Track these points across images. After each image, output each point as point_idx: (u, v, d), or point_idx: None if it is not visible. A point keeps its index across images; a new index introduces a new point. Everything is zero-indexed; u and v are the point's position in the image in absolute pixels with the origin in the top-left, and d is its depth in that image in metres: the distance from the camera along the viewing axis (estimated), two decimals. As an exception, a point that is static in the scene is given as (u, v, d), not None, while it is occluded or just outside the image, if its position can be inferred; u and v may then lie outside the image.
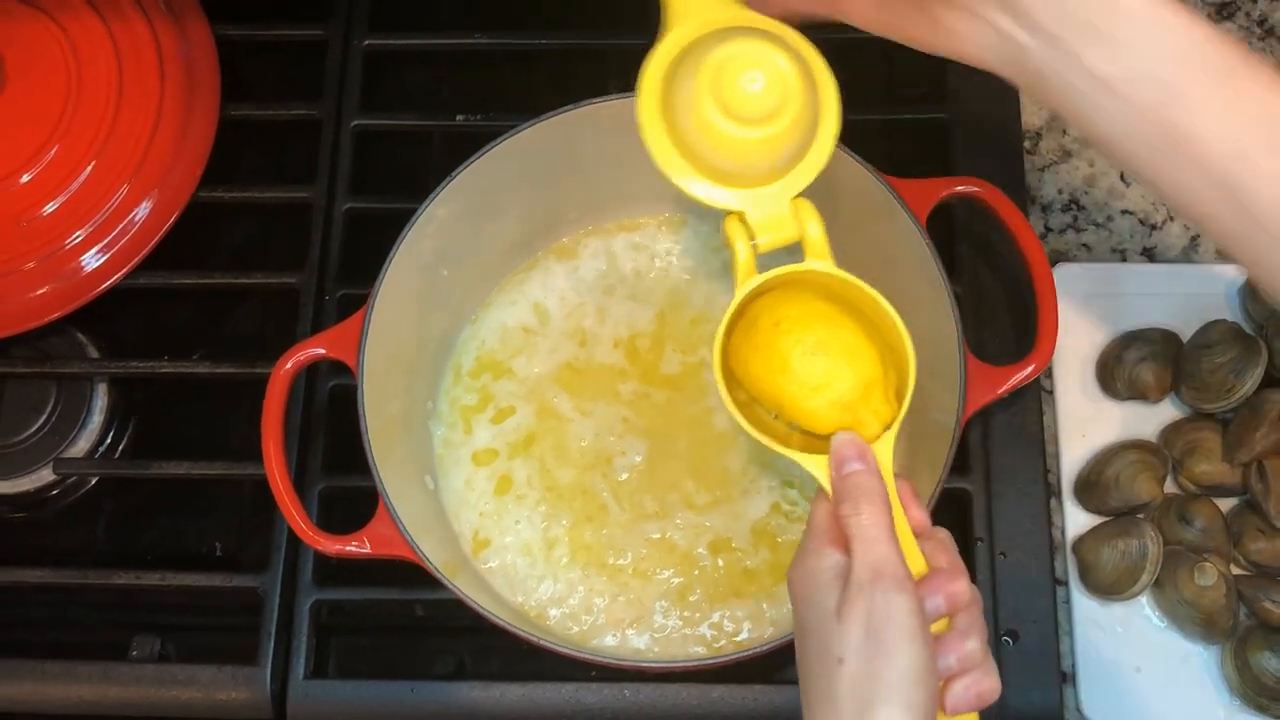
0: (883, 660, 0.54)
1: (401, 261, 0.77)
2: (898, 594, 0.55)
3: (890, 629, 0.54)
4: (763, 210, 0.64)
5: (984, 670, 0.58)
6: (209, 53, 0.93)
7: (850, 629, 0.55)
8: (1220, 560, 0.79)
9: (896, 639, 0.54)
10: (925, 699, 0.54)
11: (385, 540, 0.72)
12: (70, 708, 0.81)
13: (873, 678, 0.54)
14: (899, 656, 0.54)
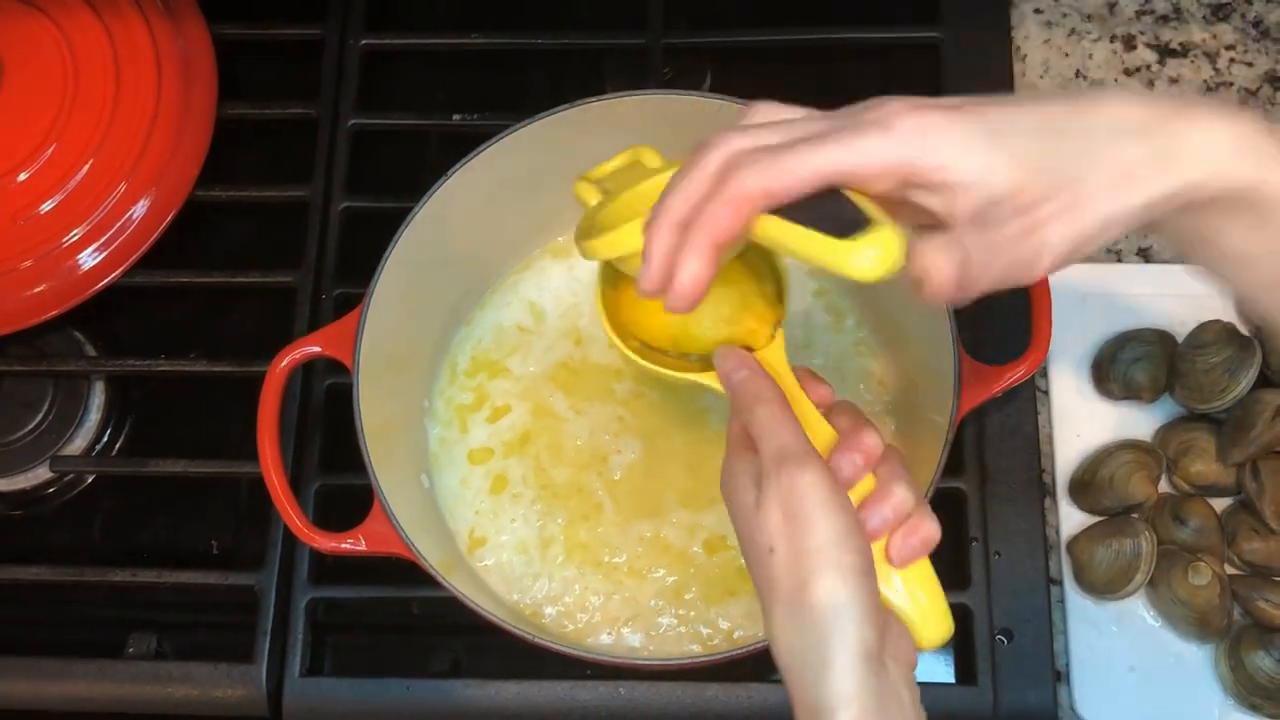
0: (804, 536, 0.54)
1: (397, 260, 0.77)
2: (801, 471, 0.55)
3: (804, 505, 0.54)
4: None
5: (919, 516, 0.57)
6: (206, 51, 0.93)
7: (769, 517, 0.55)
8: (1214, 560, 0.79)
9: (812, 512, 0.54)
10: (855, 560, 0.53)
11: (381, 538, 0.72)
12: (66, 705, 0.81)
13: (800, 555, 0.54)
14: (818, 528, 0.54)
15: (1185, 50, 0.95)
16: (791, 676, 0.54)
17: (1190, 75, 0.94)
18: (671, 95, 0.81)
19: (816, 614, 0.53)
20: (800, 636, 0.53)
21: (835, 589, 0.53)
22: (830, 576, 0.53)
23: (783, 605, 0.54)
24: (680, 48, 0.94)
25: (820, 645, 0.52)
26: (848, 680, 0.52)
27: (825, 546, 0.53)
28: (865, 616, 0.53)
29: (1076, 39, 0.96)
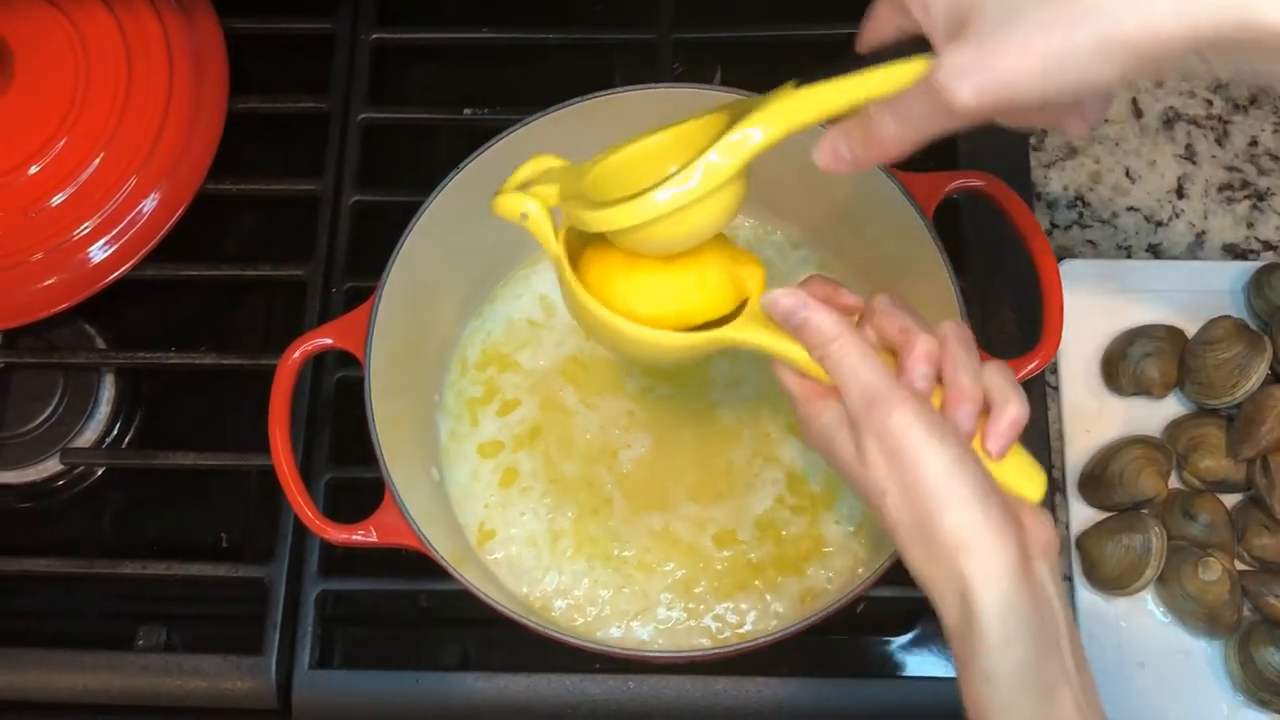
0: (914, 474, 0.54)
1: (409, 253, 0.77)
2: (894, 412, 0.54)
3: (905, 444, 0.54)
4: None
5: (1002, 398, 0.57)
6: (217, 46, 0.93)
7: (873, 464, 0.55)
8: (1224, 556, 0.79)
9: (915, 450, 0.54)
10: (972, 487, 0.53)
11: (392, 529, 0.72)
12: (76, 697, 0.81)
13: (915, 495, 0.54)
14: (927, 465, 0.53)
15: (1196, 47, 0.95)
16: (940, 605, 0.54)
17: (1201, 72, 0.94)
18: (681, 89, 0.81)
19: (948, 549, 0.53)
20: (938, 568, 0.53)
21: (960, 522, 0.53)
22: (952, 511, 0.53)
23: (912, 543, 0.54)
24: (690, 43, 0.94)
25: (956, 575, 0.53)
26: (988, 593, 0.52)
27: (938, 482, 0.53)
28: (997, 537, 0.53)
29: (1087, 35, 0.96)
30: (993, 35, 0.48)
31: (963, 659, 0.53)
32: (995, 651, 0.52)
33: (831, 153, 0.57)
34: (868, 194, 0.78)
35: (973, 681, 0.53)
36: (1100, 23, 0.45)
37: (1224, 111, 0.93)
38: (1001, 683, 0.52)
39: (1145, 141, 0.93)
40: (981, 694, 0.53)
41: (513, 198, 0.65)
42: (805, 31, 0.94)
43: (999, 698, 0.52)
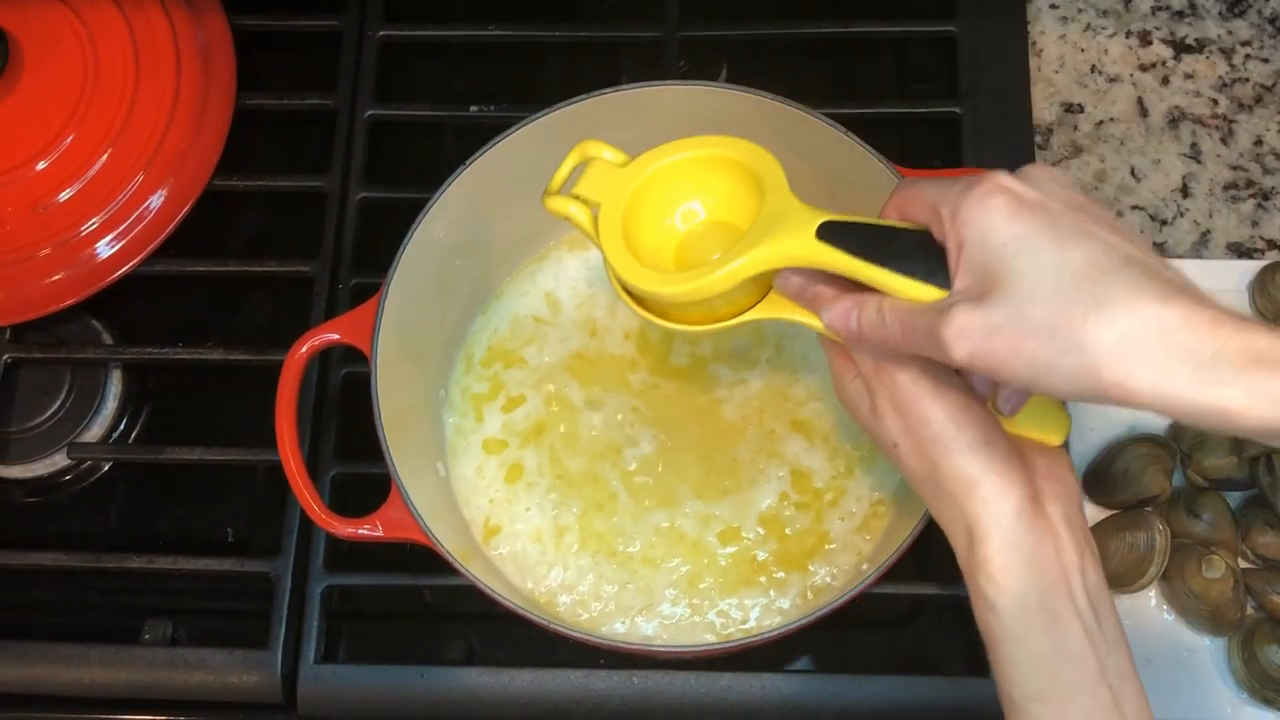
0: (920, 426, 0.58)
1: (415, 249, 0.77)
2: (899, 369, 0.59)
3: (909, 398, 0.58)
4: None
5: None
6: (225, 43, 0.93)
7: (884, 418, 0.60)
8: (1228, 553, 0.79)
9: (919, 402, 0.58)
10: (974, 433, 0.57)
11: (398, 524, 0.72)
12: (82, 690, 0.81)
13: (922, 444, 0.58)
14: (930, 416, 0.58)
15: (1201, 46, 0.95)
16: (953, 542, 0.59)
17: (1206, 71, 0.95)
18: (687, 86, 0.81)
19: (954, 492, 0.57)
20: (947, 508, 0.58)
21: (963, 465, 0.57)
22: (955, 456, 0.57)
23: (924, 488, 0.60)
24: (696, 40, 0.95)
25: (964, 513, 0.57)
26: (991, 537, 0.56)
27: (942, 432, 0.58)
28: (1000, 477, 0.57)
29: (1092, 34, 0.96)
30: (1001, 320, 0.51)
31: (972, 590, 0.57)
32: (996, 581, 0.56)
33: (843, 319, 0.60)
34: (871, 190, 0.78)
35: (980, 610, 0.57)
36: (1085, 360, 0.48)
37: (1229, 111, 0.93)
38: (1003, 611, 0.56)
39: (1150, 140, 0.93)
40: (987, 621, 0.57)
41: (559, 200, 0.69)
42: (811, 30, 0.94)
43: (1002, 626, 0.56)
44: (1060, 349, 0.49)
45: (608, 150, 0.69)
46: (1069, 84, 0.95)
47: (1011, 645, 0.56)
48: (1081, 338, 0.48)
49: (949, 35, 0.92)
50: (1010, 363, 0.50)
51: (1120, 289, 0.49)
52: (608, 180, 0.68)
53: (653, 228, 0.69)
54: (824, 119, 0.78)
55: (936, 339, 0.52)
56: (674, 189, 0.69)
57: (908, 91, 0.98)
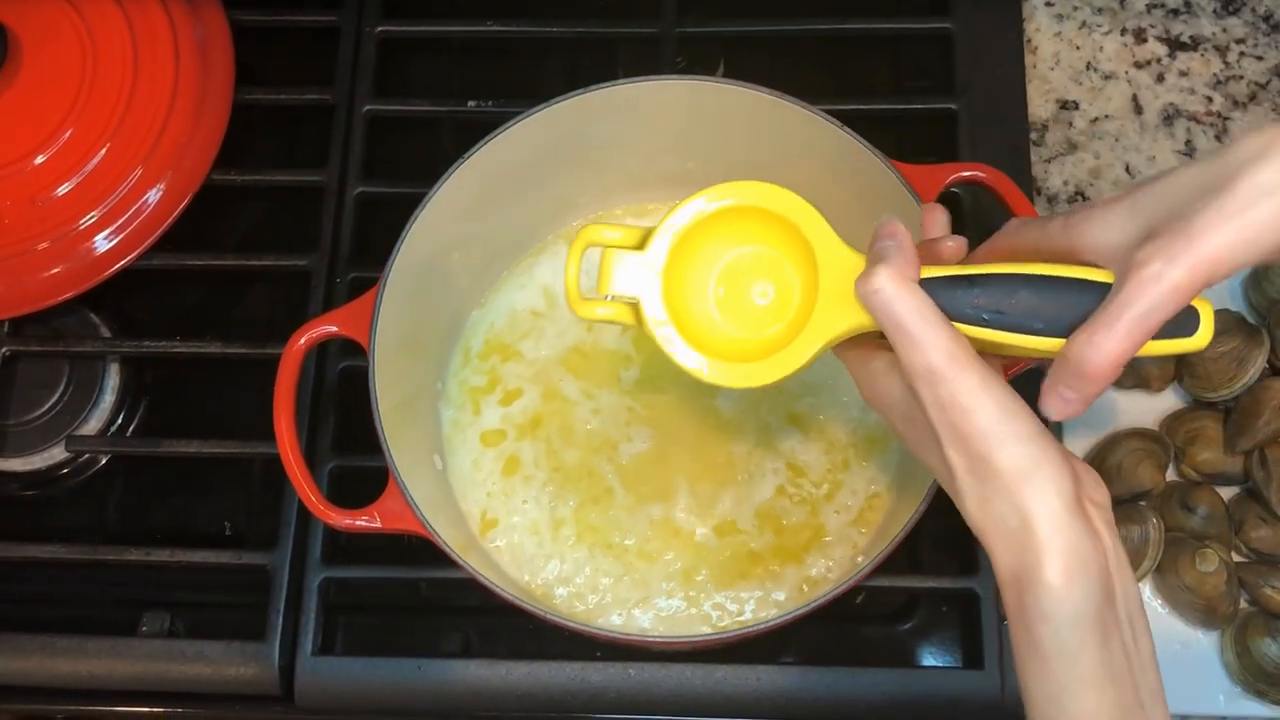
0: (969, 421, 0.53)
1: (413, 243, 0.77)
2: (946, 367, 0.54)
3: (958, 394, 0.54)
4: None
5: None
6: (223, 37, 0.93)
7: (931, 414, 0.55)
8: (1221, 547, 0.80)
9: (968, 399, 0.54)
10: (1028, 424, 0.53)
11: (396, 515, 0.72)
12: (80, 682, 0.82)
13: (969, 438, 0.53)
14: (980, 411, 0.53)
15: (1195, 44, 0.96)
16: (989, 541, 0.54)
17: (1200, 69, 0.95)
18: (684, 81, 0.81)
19: (1007, 480, 0.52)
20: (995, 505, 0.53)
21: (1018, 454, 0.53)
22: (1009, 447, 0.53)
23: (969, 486, 0.54)
24: (694, 36, 0.95)
25: (1016, 509, 0.52)
26: (1052, 534, 0.51)
27: (991, 425, 0.53)
28: (1056, 471, 0.52)
29: (1087, 31, 0.96)
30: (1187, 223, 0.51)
31: (1018, 603, 0.53)
32: (1056, 588, 0.51)
33: (1060, 402, 0.56)
34: (868, 185, 0.78)
35: (1030, 623, 0.52)
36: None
37: (1224, 108, 0.94)
38: (1060, 622, 0.51)
39: (1145, 137, 0.94)
40: (1038, 634, 0.52)
41: (588, 306, 0.65)
42: (808, 26, 0.94)
43: (1056, 639, 0.51)
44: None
45: (609, 230, 0.64)
46: (1064, 81, 0.95)
47: (1060, 662, 0.51)
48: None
49: (945, 32, 0.93)
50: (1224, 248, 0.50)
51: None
52: (630, 269, 0.63)
53: (694, 293, 0.64)
54: (821, 115, 0.78)
55: (1150, 292, 0.51)
56: (702, 248, 0.63)
57: (904, 88, 0.98)
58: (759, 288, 0.63)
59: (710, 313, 0.64)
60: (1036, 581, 0.51)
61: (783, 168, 0.82)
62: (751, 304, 0.63)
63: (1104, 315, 0.53)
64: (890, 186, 0.77)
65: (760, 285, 0.63)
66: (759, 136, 0.81)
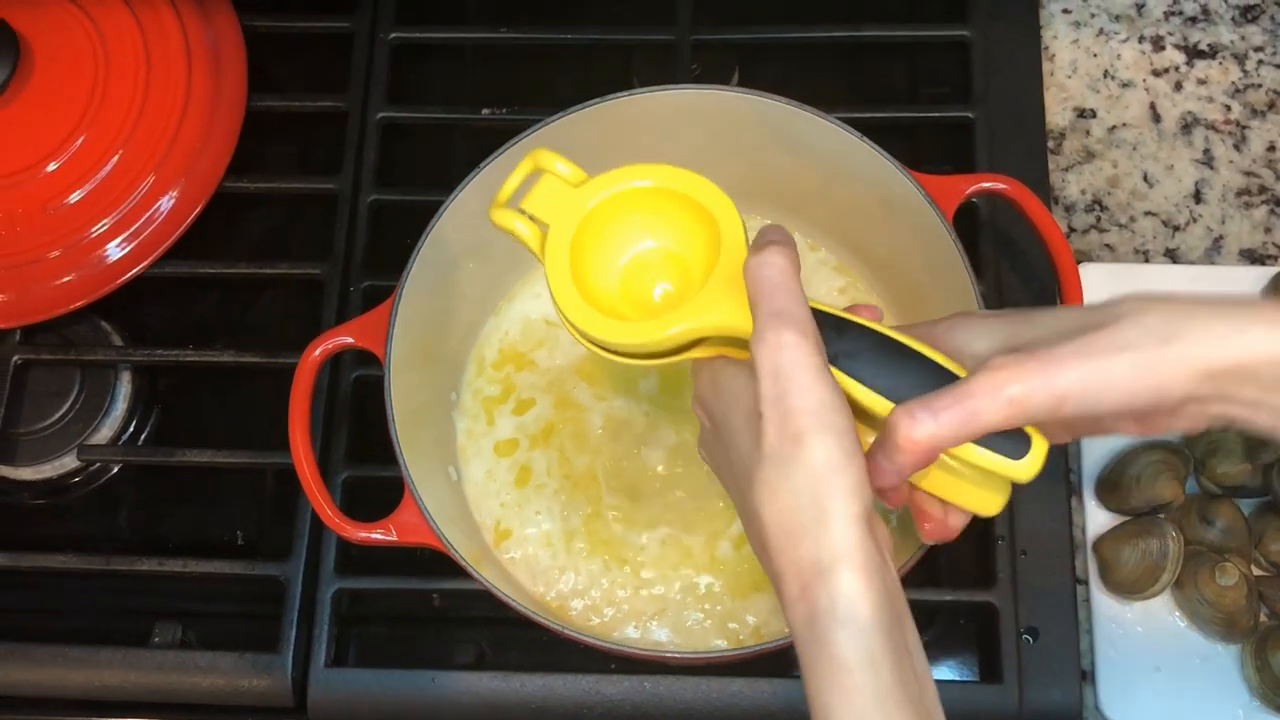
0: (798, 396, 0.54)
1: (429, 252, 0.77)
2: (793, 331, 0.55)
3: (796, 367, 0.54)
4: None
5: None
6: (236, 44, 0.93)
7: (762, 381, 0.55)
8: (1241, 561, 0.79)
9: (803, 375, 0.54)
10: (847, 425, 0.54)
11: (411, 529, 0.72)
12: (92, 693, 0.81)
13: (791, 414, 0.54)
14: (812, 391, 0.54)
15: (1214, 51, 0.95)
16: (780, 539, 0.53)
17: (1219, 77, 0.94)
18: (699, 90, 0.81)
19: (813, 470, 0.53)
20: (793, 495, 0.53)
21: (832, 447, 0.53)
22: (828, 435, 0.53)
23: (773, 465, 0.54)
24: (708, 43, 0.94)
25: (817, 501, 0.52)
26: (850, 534, 0.52)
27: (819, 408, 0.54)
28: (860, 479, 0.53)
29: (1105, 39, 0.96)
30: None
31: (808, 609, 0.52)
32: (853, 593, 0.51)
33: (874, 467, 0.56)
34: (887, 196, 0.78)
35: (822, 630, 0.51)
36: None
37: (1242, 116, 0.93)
38: (859, 628, 0.51)
39: (1163, 146, 0.93)
40: (834, 640, 0.51)
41: (506, 214, 0.65)
42: (823, 33, 0.94)
43: (856, 646, 0.51)
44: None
45: (561, 163, 0.65)
46: (1081, 89, 0.95)
47: (863, 675, 0.50)
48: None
49: (962, 40, 0.92)
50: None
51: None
52: (559, 199, 0.64)
53: (600, 253, 0.65)
54: (837, 123, 0.78)
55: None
56: (627, 218, 0.64)
57: (920, 96, 0.98)
58: (660, 286, 0.64)
59: (606, 283, 0.64)
60: (833, 581, 0.51)
61: (800, 177, 0.82)
62: (647, 294, 0.65)
63: (934, 396, 0.54)
64: (909, 196, 0.77)
65: (662, 285, 0.64)
66: (775, 145, 0.80)
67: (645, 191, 0.64)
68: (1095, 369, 0.53)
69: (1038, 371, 0.53)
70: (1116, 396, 0.53)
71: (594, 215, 0.64)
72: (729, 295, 0.59)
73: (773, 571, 0.54)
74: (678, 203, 0.63)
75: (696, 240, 0.63)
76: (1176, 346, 0.53)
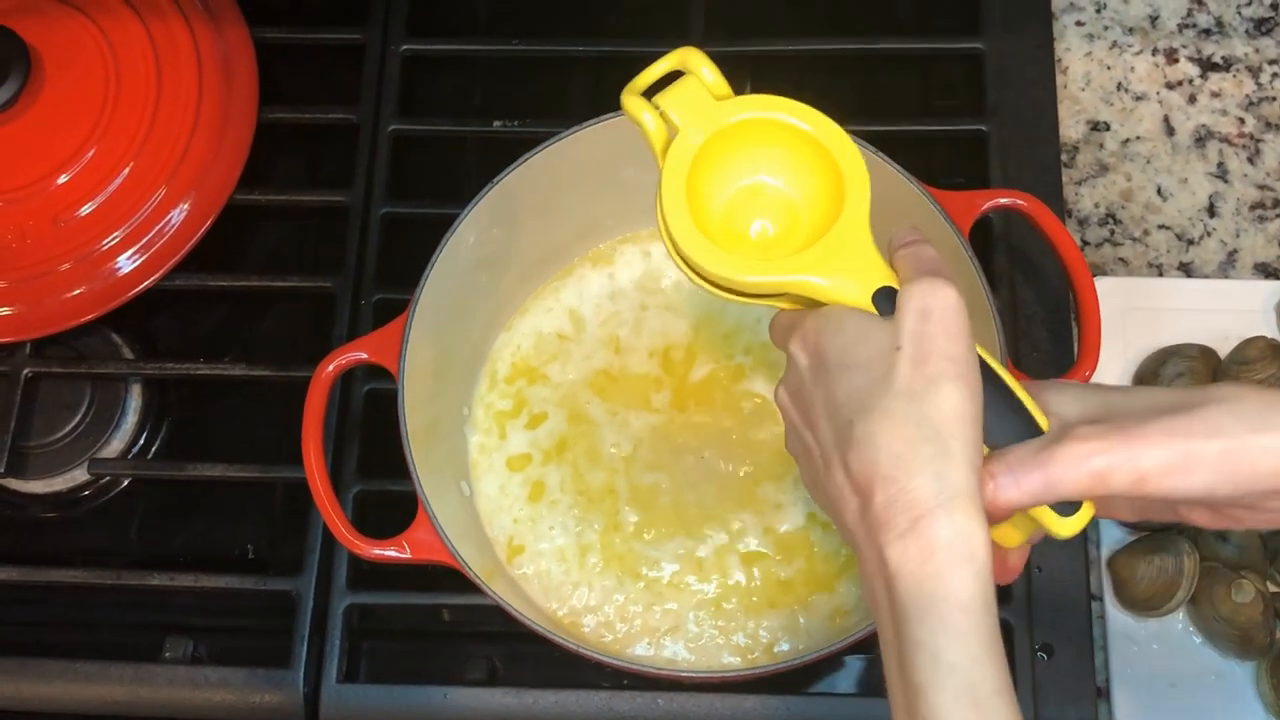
0: (947, 340, 0.54)
1: (443, 266, 0.77)
2: (952, 287, 0.55)
3: (950, 313, 0.54)
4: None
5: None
6: (247, 56, 0.93)
7: (906, 319, 0.55)
8: (1257, 577, 0.79)
9: (959, 322, 0.54)
10: (979, 388, 0.54)
11: (425, 546, 0.71)
12: (103, 708, 0.81)
13: (933, 356, 0.53)
14: (963, 340, 0.54)
15: (1228, 64, 0.95)
16: (893, 467, 0.52)
17: (1232, 90, 0.94)
18: (714, 104, 0.80)
19: (944, 413, 0.52)
20: (919, 428, 0.52)
21: (966, 400, 0.53)
22: (963, 386, 0.53)
23: (903, 398, 0.53)
24: (720, 56, 0.92)
25: (942, 439, 0.52)
26: (972, 479, 0.52)
27: (961, 359, 0.54)
28: (978, 439, 0.53)
29: (1118, 51, 0.96)
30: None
31: (943, 543, 0.51)
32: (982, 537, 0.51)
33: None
34: (903, 211, 0.77)
35: (964, 575, 0.51)
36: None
37: (1256, 130, 0.93)
38: (985, 577, 0.51)
39: (1177, 159, 0.93)
40: (968, 589, 0.50)
41: (638, 102, 0.63)
42: (836, 46, 0.94)
43: (984, 591, 0.51)
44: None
45: (709, 69, 0.63)
46: (1095, 102, 0.94)
47: (983, 615, 0.50)
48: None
49: (975, 52, 0.92)
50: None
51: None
52: (699, 105, 0.62)
53: (717, 173, 0.63)
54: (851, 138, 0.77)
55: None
56: (755, 146, 0.63)
57: (933, 109, 0.98)
58: (760, 222, 0.63)
59: (710, 204, 0.63)
60: (957, 515, 0.51)
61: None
62: (744, 227, 0.64)
63: (1017, 459, 0.54)
64: (924, 211, 0.76)
65: (762, 222, 0.64)
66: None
67: (785, 127, 0.62)
68: (1182, 450, 0.52)
69: (1122, 446, 0.52)
70: (1199, 482, 0.52)
71: (726, 133, 0.62)
72: (850, 254, 0.59)
73: (875, 506, 0.52)
74: (811, 150, 0.62)
75: (815, 191, 0.62)
76: (1270, 437, 0.52)
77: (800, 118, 0.62)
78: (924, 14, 1.00)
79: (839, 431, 0.55)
